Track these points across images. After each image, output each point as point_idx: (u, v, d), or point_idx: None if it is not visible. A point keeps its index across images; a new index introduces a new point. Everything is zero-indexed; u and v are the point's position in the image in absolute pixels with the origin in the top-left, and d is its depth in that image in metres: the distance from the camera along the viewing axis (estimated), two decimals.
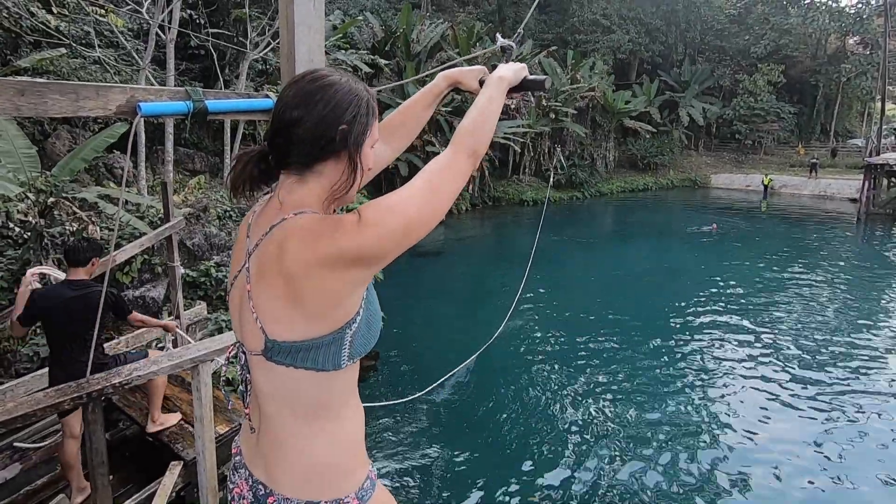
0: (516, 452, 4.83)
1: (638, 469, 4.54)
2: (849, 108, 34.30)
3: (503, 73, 1.07)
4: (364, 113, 0.88)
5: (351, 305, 0.85)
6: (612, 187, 24.49)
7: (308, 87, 0.87)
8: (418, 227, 0.82)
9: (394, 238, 0.80)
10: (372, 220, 0.79)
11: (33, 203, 5.48)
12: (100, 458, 2.03)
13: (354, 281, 0.82)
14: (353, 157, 0.87)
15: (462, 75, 1.21)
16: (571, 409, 5.58)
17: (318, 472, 0.91)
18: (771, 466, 4.60)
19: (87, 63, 9.71)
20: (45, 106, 1.49)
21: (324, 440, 0.90)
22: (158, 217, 7.13)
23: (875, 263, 12.27)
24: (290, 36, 1.98)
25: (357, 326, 0.86)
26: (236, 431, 3.12)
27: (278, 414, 0.89)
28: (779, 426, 5.29)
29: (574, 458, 4.73)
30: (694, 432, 5.13)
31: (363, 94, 0.89)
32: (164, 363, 2.21)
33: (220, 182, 11.88)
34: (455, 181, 0.88)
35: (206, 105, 1.71)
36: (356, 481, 0.95)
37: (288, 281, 0.80)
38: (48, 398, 1.96)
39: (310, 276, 0.79)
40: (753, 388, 6.04)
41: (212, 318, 5.68)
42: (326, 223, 0.81)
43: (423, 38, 18.68)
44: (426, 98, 1.21)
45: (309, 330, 0.82)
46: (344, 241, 0.78)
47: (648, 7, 29.36)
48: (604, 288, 10.49)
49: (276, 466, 0.91)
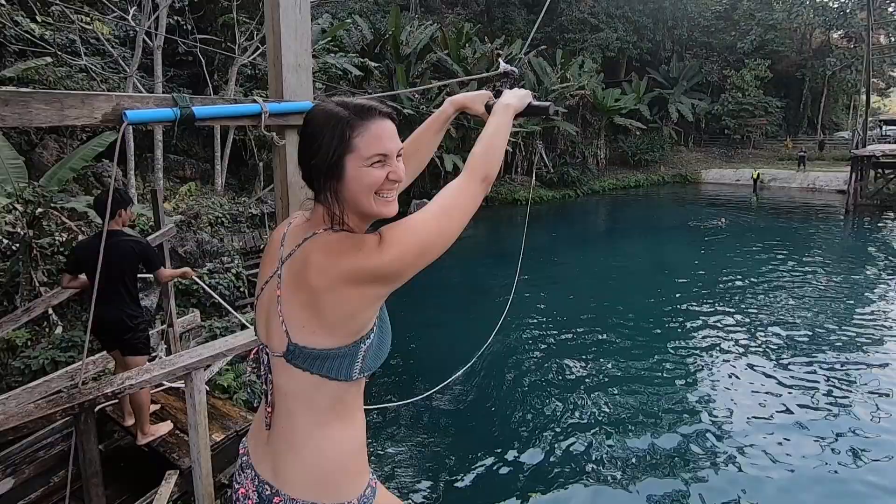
0: (514, 450, 4.83)
1: (636, 464, 4.56)
2: (835, 102, 34.75)
3: (509, 100, 1.14)
4: (329, 142, 0.89)
5: (366, 321, 0.91)
6: (604, 185, 24.61)
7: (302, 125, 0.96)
8: (433, 249, 0.89)
9: (410, 258, 0.87)
10: (391, 242, 0.86)
11: (21, 214, 5.42)
12: (93, 469, 2.01)
13: (371, 297, 0.88)
14: (333, 188, 0.90)
15: (468, 100, 1.27)
16: (569, 407, 5.59)
17: (326, 474, 0.95)
18: (762, 452, 4.64)
19: (74, 71, 9.62)
20: (30, 116, 1.48)
21: (334, 444, 0.95)
22: (150, 225, 7.08)
23: (863, 254, 12.40)
24: (276, 40, 1.98)
25: (371, 342, 0.93)
26: (232, 439, 3.11)
27: (294, 414, 0.94)
28: (771, 412, 5.34)
29: (573, 454, 4.74)
30: (696, 423, 5.16)
31: (334, 123, 0.89)
32: (157, 371, 2.19)
33: (211, 188, 11.82)
34: (468, 205, 0.95)
35: (193, 111, 1.70)
36: (359, 487, 0.99)
37: (311, 292, 0.87)
38: (39, 409, 1.94)
39: (331, 289, 0.86)
40: (746, 377, 6.10)
41: (205, 326, 5.65)
42: (350, 242, 0.88)
43: (413, 40, 18.69)
44: (435, 124, 1.27)
45: (327, 340, 0.89)
46: (364, 260, 0.85)
47: (636, 5, 29.58)
48: (599, 283, 10.53)
49: (285, 466, 0.95)
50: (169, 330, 4.03)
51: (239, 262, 8.75)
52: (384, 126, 0.92)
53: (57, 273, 5.61)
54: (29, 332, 5.13)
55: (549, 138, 22.82)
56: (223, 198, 11.22)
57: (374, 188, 0.90)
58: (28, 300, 4.99)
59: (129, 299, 3.07)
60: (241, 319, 4.09)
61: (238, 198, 11.75)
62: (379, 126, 0.91)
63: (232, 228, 10.12)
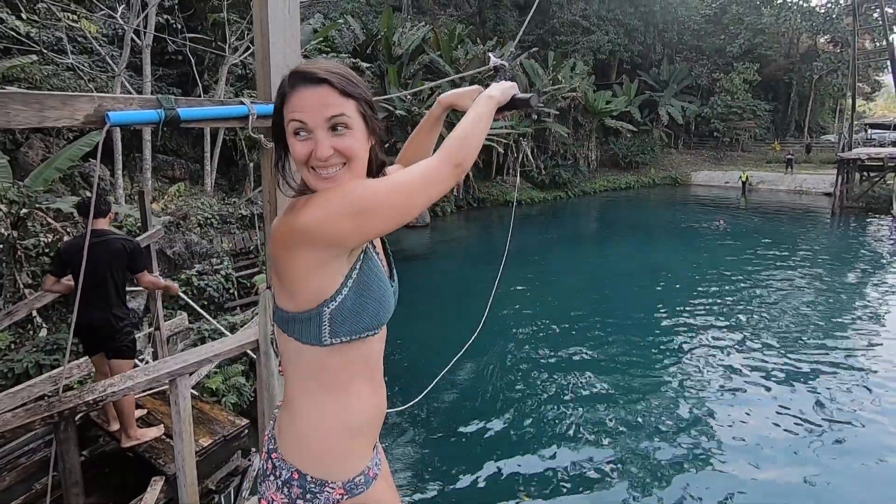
0: (501, 450, 4.83)
1: (626, 463, 4.58)
2: (821, 105, 35.23)
3: (492, 92, 1.11)
4: (276, 108, 0.90)
5: (323, 284, 0.87)
6: (596, 186, 24.74)
7: None
8: (374, 216, 0.82)
9: (336, 219, 0.81)
10: (317, 201, 0.83)
11: (5, 214, 5.32)
12: (73, 479, 1.96)
13: (312, 259, 0.84)
14: (280, 154, 0.94)
15: (458, 97, 1.24)
16: (561, 408, 5.59)
17: (306, 443, 0.95)
18: (752, 450, 4.68)
19: (60, 70, 9.47)
20: (8, 117, 1.44)
21: (318, 415, 0.94)
22: (137, 226, 6.98)
23: (849, 255, 12.58)
24: (264, 40, 1.95)
25: (336, 307, 0.88)
26: (219, 444, 3.06)
27: (288, 378, 0.97)
28: (760, 409, 5.41)
29: (561, 453, 4.74)
30: (689, 424, 5.19)
31: (279, 89, 0.90)
32: (140, 378, 2.15)
33: (200, 189, 11.70)
34: (434, 188, 0.88)
35: (178, 113, 1.67)
36: (348, 471, 0.96)
37: (272, 255, 0.91)
38: (17, 419, 1.89)
39: (276, 253, 0.87)
40: (734, 374, 6.18)
41: (194, 329, 5.58)
42: (290, 203, 0.89)
43: (405, 40, 18.66)
44: (427, 124, 1.28)
45: (290, 303, 0.90)
46: (290, 219, 0.84)
47: (627, 8, 29.79)
48: (590, 284, 10.57)
49: (280, 425, 0.99)
50: (156, 333, 3.97)
51: (228, 264, 8.66)
52: (310, 93, 0.83)
53: (42, 275, 5.52)
54: (12, 335, 5.03)
55: (540, 140, 22.89)
56: (213, 198, 11.10)
57: (302, 161, 0.86)
58: (12, 302, 4.90)
59: (116, 300, 2.99)
60: (219, 327, 4.02)
61: (228, 198, 11.64)
62: (303, 93, 0.84)
63: (221, 229, 10.02)
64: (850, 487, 4.28)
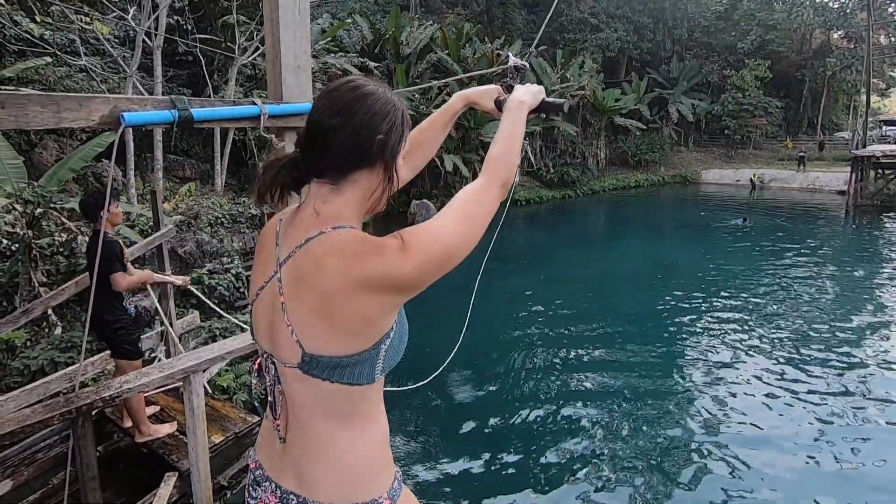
0: (497, 448, 4.83)
1: (626, 463, 4.56)
2: (835, 102, 34.73)
3: (523, 97, 1.09)
4: (400, 123, 0.90)
5: (384, 325, 0.86)
6: (604, 185, 24.58)
7: (347, 95, 0.88)
8: (456, 257, 0.85)
9: (433, 267, 0.82)
10: (415, 247, 0.80)
11: (21, 214, 5.41)
12: (91, 474, 2.00)
13: (388, 305, 0.83)
14: (390, 167, 0.89)
15: (478, 95, 1.23)
16: (565, 405, 5.58)
17: (356, 474, 0.92)
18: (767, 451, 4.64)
19: (74, 71, 9.61)
20: (27, 118, 1.47)
21: (360, 444, 0.92)
22: (149, 226, 7.07)
23: (864, 254, 12.38)
24: (275, 41, 1.97)
25: (390, 342, 0.88)
26: (231, 441, 3.09)
27: (314, 422, 0.90)
28: (773, 410, 5.36)
29: (567, 451, 4.73)
30: (696, 423, 5.15)
31: (398, 104, 0.91)
32: (155, 374, 2.18)
33: (211, 189, 11.81)
34: (488, 208, 0.91)
35: (191, 113, 1.70)
36: (387, 481, 0.96)
37: (324, 298, 0.81)
38: (36, 414, 1.93)
39: (347, 295, 0.80)
40: (748, 375, 6.10)
41: (205, 327, 5.64)
42: (369, 245, 0.81)
43: (413, 40, 18.66)
44: (443, 118, 1.22)
45: (345, 347, 0.83)
46: (384, 266, 0.79)
47: (636, 5, 29.54)
48: (599, 282, 10.52)
49: (311, 473, 0.91)
50: (168, 331, 4.02)
51: (239, 263, 8.73)
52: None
53: (56, 273, 5.60)
54: (28, 333, 5.12)
55: (548, 138, 22.80)
56: (223, 198, 11.20)
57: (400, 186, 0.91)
58: (27, 301, 4.98)
59: (100, 303, 2.84)
60: (235, 321, 4.07)
61: (238, 198, 11.73)
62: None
63: (231, 229, 10.11)
64: (870, 483, 4.24)
